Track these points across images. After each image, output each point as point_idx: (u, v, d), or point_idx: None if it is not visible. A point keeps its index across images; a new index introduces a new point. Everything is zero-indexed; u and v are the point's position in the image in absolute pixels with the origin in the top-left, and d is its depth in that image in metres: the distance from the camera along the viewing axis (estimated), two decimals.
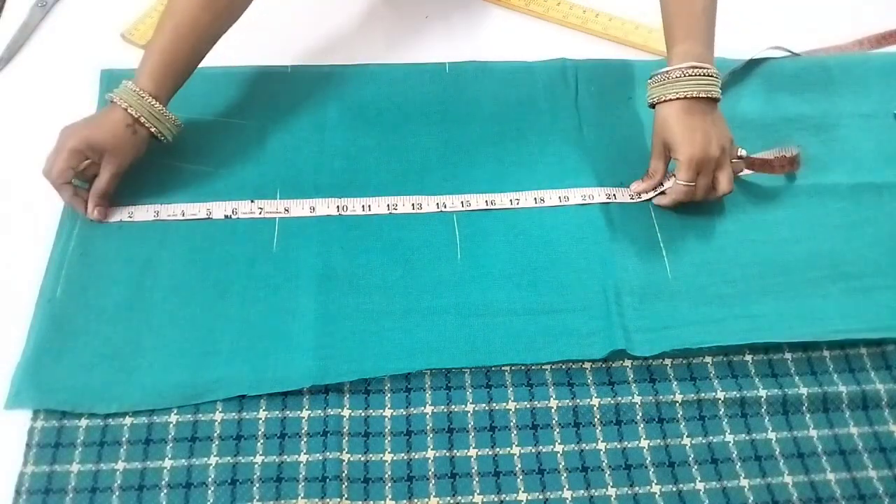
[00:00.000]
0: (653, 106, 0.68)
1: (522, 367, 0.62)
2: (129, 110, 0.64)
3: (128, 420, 0.58)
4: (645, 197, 0.70)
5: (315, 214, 0.68)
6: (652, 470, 0.58)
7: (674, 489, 0.57)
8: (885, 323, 0.64)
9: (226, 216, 0.68)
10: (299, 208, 0.68)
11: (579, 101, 0.77)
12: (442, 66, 0.79)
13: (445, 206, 0.69)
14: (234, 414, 0.59)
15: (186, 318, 0.62)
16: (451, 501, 0.56)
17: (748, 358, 0.63)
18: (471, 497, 0.56)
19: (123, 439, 0.57)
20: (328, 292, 0.64)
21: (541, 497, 0.56)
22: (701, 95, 0.65)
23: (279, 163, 0.71)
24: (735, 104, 0.77)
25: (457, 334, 0.62)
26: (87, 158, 0.64)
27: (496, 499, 0.56)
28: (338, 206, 0.69)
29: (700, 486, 0.57)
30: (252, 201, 0.69)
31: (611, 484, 0.57)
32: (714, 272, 0.66)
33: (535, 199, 0.70)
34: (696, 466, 0.58)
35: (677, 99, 0.65)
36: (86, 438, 0.57)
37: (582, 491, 0.56)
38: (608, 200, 0.70)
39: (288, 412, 0.59)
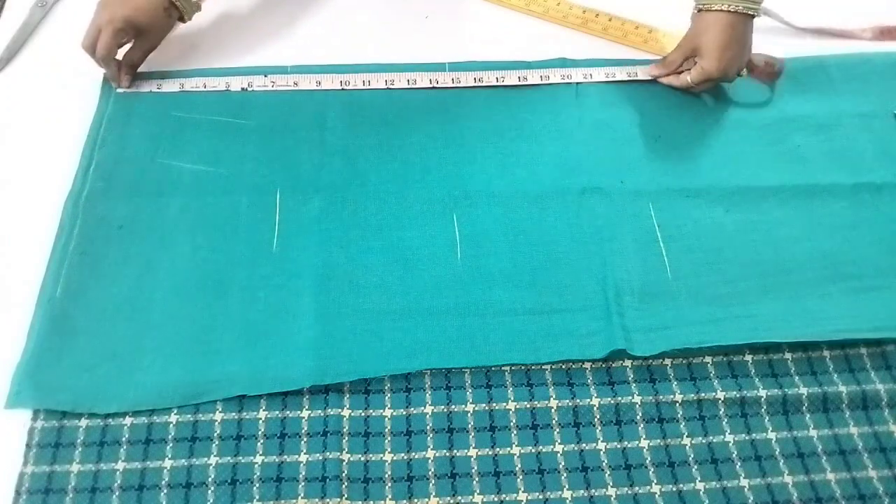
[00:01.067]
0: (699, 10, 0.72)
1: (522, 367, 0.62)
2: None
3: (128, 420, 0.58)
4: (664, 81, 0.77)
5: (321, 88, 0.76)
6: (652, 470, 0.58)
7: (674, 489, 0.57)
8: (885, 323, 0.64)
9: (242, 88, 0.76)
10: (307, 82, 0.76)
11: (579, 100, 0.77)
12: (442, 67, 0.79)
13: (438, 82, 0.77)
14: (234, 414, 0.59)
15: (186, 318, 0.62)
16: (451, 501, 0.56)
17: (748, 358, 0.63)
18: (471, 497, 0.56)
19: (123, 439, 0.57)
20: (328, 292, 0.64)
21: (541, 497, 0.56)
22: (747, 12, 0.70)
23: (279, 163, 0.71)
24: (735, 104, 0.77)
25: (457, 334, 0.62)
26: (127, 36, 0.72)
27: (496, 499, 0.56)
28: (341, 82, 0.76)
29: (700, 486, 0.57)
30: (265, 76, 0.76)
31: (611, 484, 0.57)
32: (714, 272, 0.66)
33: (519, 77, 0.78)
34: (696, 466, 0.58)
35: (725, 11, 0.69)
36: (86, 438, 0.57)
37: (582, 491, 0.56)
38: (584, 80, 0.78)
39: (288, 412, 0.59)
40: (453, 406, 0.60)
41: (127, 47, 0.74)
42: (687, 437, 0.59)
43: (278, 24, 0.83)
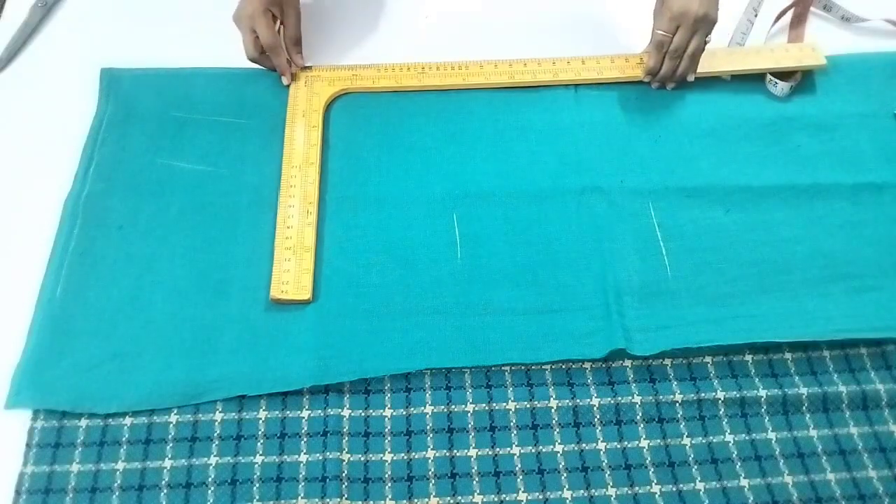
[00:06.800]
0: None
1: (522, 367, 0.62)
2: None
3: (128, 420, 0.58)
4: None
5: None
6: (652, 470, 0.58)
7: (674, 489, 0.57)
8: (885, 323, 0.64)
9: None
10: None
11: (579, 100, 0.77)
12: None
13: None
14: (234, 414, 0.59)
15: (186, 317, 0.62)
16: (451, 501, 0.56)
17: (748, 358, 0.63)
18: (471, 497, 0.56)
19: (123, 439, 0.57)
20: (328, 292, 0.64)
21: (541, 497, 0.56)
22: None
23: (279, 163, 0.71)
24: (735, 104, 0.77)
25: (457, 334, 0.62)
26: (275, 9, 0.73)
27: (496, 499, 0.56)
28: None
29: (700, 486, 0.57)
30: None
31: (611, 484, 0.57)
32: (714, 272, 0.66)
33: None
34: (696, 466, 0.58)
35: None
36: (86, 438, 0.57)
37: (582, 491, 0.56)
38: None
39: (288, 412, 0.59)
40: (453, 406, 0.60)
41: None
42: (687, 437, 0.59)
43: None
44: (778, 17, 0.84)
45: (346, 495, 0.55)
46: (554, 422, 0.59)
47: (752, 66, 0.78)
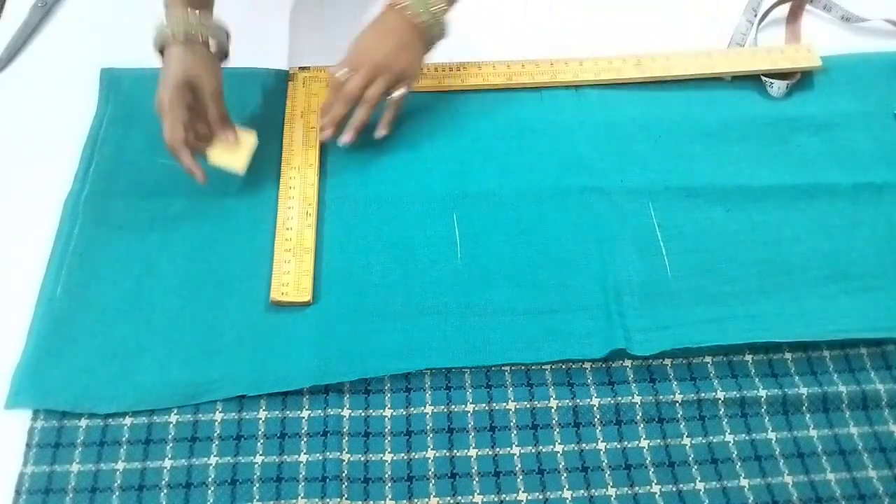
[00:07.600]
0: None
1: (522, 367, 0.62)
2: (182, 34, 0.65)
3: (128, 420, 0.58)
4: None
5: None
6: (652, 470, 0.58)
7: (674, 489, 0.57)
8: (885, 323, 0.64)
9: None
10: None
11: (580, 100, 0.77)
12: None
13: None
14: (234, 414, 0.59)
15: (187, 317, 0.62)
16: (451, 501, 0.56)
17: (748, 358, 0.63)
18: (471, 497, 0.56)
19: (123, 439, 0.57)
20: (328, 292, 0.64)
21: (541, 497, 0.56)
22: (402, 12, 0.67)
23: (279, 162, 0.71)
24: (735, 104, 0.77)
25: (457, 334, 0.62)
26: (189, 104, 0.65)
27: (496, 499, 0.56)
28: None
29: (700, 486, 0.57)
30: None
31: (611, 484, 0.57)
32: (714, 272, 0.66)
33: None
34: (696, 466, 0.58)
35: (394, 8, 0.68)
36: (86, 438, 0.57)
37: (582, 491, 0.56)
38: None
39: (288, 412, 0.59)
40: (453, 406, 0.60)
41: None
42: (687, 437, 0.59)
43: (278, 26, 0.83)
44: (769, 10, 0.84)
45: (346, 495, 0.55)
46: (554, 422, 0.59)
47: (749, 68, 0.78)
